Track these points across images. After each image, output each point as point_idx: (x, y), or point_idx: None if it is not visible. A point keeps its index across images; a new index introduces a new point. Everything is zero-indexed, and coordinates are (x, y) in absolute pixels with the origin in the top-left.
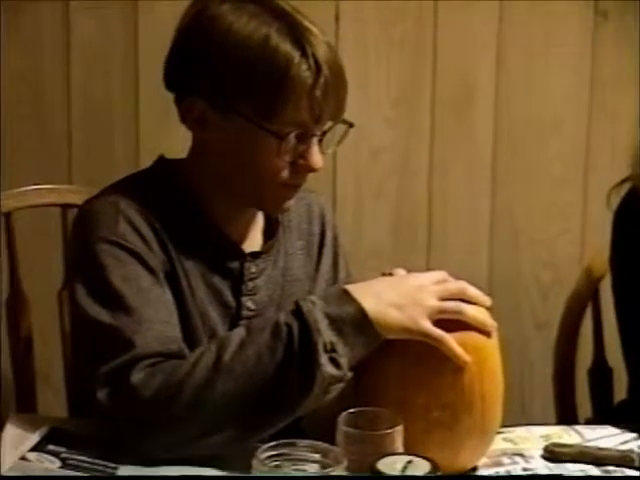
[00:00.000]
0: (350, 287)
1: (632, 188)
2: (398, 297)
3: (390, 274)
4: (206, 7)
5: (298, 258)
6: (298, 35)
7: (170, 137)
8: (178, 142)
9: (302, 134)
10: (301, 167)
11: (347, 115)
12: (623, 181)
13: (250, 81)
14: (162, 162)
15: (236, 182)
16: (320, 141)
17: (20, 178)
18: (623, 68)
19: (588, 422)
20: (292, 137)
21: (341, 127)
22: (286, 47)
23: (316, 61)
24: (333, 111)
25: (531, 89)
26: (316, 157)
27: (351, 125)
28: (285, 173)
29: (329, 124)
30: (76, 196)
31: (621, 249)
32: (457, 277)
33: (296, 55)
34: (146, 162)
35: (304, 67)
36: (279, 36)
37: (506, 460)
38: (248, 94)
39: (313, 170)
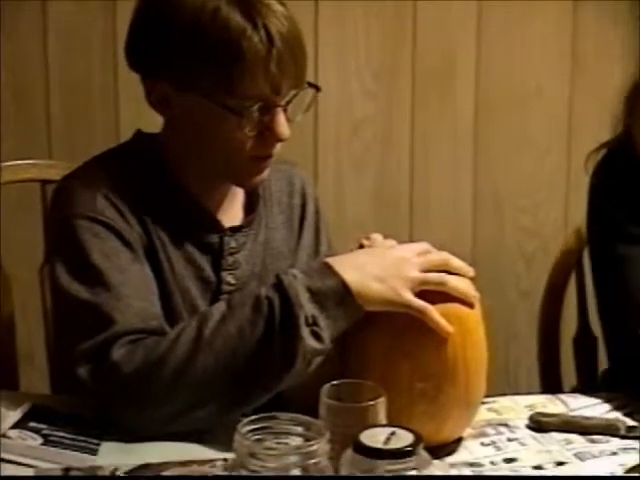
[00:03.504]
0: (331, 260)
1: (609, 152)
2: (380, 269)
3: (367, 238)
4: None
5: (279, 232)
6: (248, 6)
7: (150, 111)
8: (158, 116)
9: (265, 106)
10: (267, 138)
11: (327, 88)
12: (602, 146)
13: (204, 57)
14: (139, 136)
15: (206, 158)
16: (285, 110)
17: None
18: (605, 36)
19: (573, 391)
20: (254, 110)
21: (310, 93)
22: (237, 20)
23: (268, 33)
24: (293, 80)
25: (512, 58)
26: (281, 128)
27: (318, 89)
28: (252, 146)
29: (292, 93)
30: (56, 171)
31: (596, 212)
32: (440, 248)
33: (247, 27)
34: (127, 137)
35: (256, 39)
36: (229, 8)
37: (491, 430)
38: (204, 70)
39: (280, 140)
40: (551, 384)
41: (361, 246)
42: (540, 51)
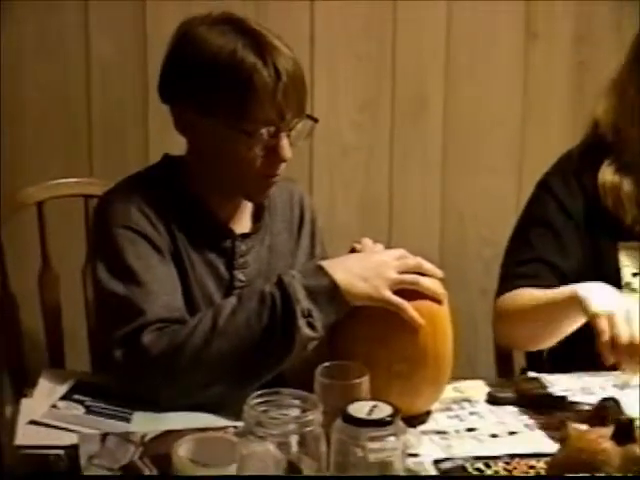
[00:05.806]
0: (324, 263)
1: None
2: (364, 271)
3: (359, 242)
4: (187, 29)
5: (282, 237)
6: (261, 48)
7: (174, 137)
8: (181, 141)
9: (271, 130)
10: (273, 159)
11: (321, 119)
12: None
13: (223, 88)
14: (166, 159)
15: (223, 175)
16: (289, 135)
17: (49, 172)
18: (552, 79)
19: (523, 371)
20: (262, 133)
21: (308, 123)
22: (250, 58)
23: (276, 69)
24: (295, 110)
25: (474, 99)
26: (284, 150)
27: (316, 120)
28: (260, 165)
29: (295, 121)
30: (96, 188)
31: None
32: (414, 253)
33: (259, 64)
34: (154, 158)
35: (265, 74)
36: (244, 50)
37: (455, 406)
38: (223, 99)
39: (283, 160)
40: (505, 369)
41: (353, 249)
42: (496, 94)
